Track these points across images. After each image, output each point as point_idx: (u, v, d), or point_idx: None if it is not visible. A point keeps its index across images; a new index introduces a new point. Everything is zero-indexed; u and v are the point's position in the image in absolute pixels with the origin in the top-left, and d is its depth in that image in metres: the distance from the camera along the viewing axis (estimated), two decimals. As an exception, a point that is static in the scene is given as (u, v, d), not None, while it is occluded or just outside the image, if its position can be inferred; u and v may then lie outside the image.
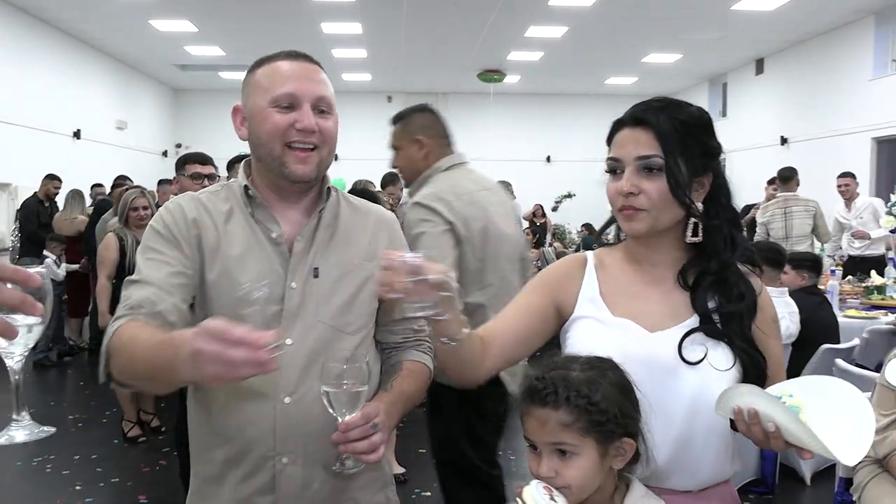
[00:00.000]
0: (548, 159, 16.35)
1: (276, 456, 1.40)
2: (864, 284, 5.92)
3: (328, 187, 1.52)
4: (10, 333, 0.88)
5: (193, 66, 13.67)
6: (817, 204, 6.99)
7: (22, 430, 0.99)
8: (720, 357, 1.31)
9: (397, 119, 2.66)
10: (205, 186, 3.74)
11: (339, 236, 1.51)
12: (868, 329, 4.61)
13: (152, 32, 11.14)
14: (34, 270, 0.90)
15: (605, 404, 1.21)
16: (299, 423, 1.40)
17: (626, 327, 1.36)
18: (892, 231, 6.63)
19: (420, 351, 1.57)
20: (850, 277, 6.27)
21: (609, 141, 1.40)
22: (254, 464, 1.41)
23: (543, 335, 1.45)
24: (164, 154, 15.60)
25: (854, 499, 2.64)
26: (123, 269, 4.59)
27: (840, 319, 4.95)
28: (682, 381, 1.31)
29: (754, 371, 1.32)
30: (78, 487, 4.11)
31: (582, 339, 1.39)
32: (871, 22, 10.18)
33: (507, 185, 6.84)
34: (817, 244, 7.09)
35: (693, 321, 1.35)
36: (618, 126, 1.38)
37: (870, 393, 2.65)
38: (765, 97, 12.71)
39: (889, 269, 6.21)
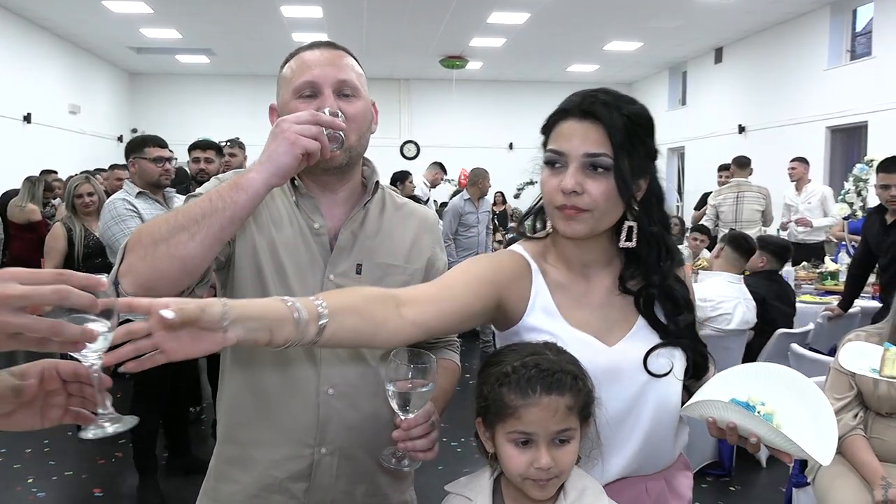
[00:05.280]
0: (510, 146, 16.37)
1: (316, 445, 1.40)
2: (818, 270, 6.06)
3: (376, 181, 1.50)
4: (90, 337, 0.91)
5: (149, 49, 13.32)
6: (768, 191, 7.15)
7: (111, 423, 1.01)
8: (681, 366, 1.34)
9: None
10: (167, 170, 3.76)
11: (383, 234, 1.48)
12: (821, 314, 4.72)
13: (106, 14, 10.83)
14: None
15: (589, 383, 1.23)
16: (342, 416, 1.40)
17: (586, 343, 1.30)
18: (845, 218, 6.78)
19: (450, 350, 1.60)
20: (804, 263, 6.42)
21: (547, 129, 1.30)
22: (292, 449, 1.40)
23: (472, 321, 1.31)
24: (120, 139, 15.19)
25: (808, 480, 2.70)
26: (72, 259, 4.47)
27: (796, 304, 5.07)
28: (648, 391, 1.31)
29: (703, 363, 1.38)
30: (30, 481, 4.01)
31: None
32: (826, 12, 10.37)
33: (440, 166, 7.07)
34: (765, 230, 7.24)
35: (640, 324, 1.35)
36: (561, 115, 1.28)
37: (824, 377, 2.71)
38: (723, 86, 12.88)
39: (842, 256, 6.36)
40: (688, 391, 1.36)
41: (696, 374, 1.37)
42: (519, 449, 1.20)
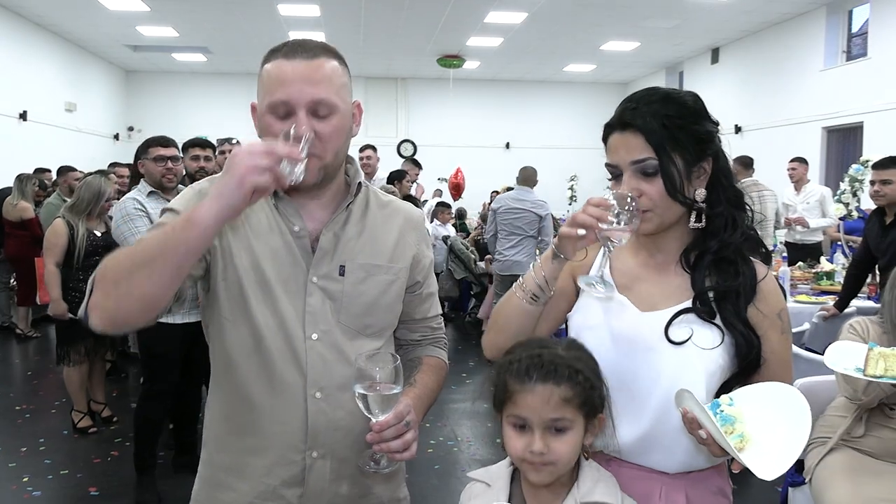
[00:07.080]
0: (507, 146, 16.37)
1: (307, 450, 1.40)
2: (813, 270, 6.06)
3: (359, 182, 1.48)
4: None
5: (146, 46, 13.29)
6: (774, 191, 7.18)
7: None
8: (706, 337, 1.33)
9: None
10: (169, 169, 3.75)
11: (366, 234, 1.47)
12: (817, 314, 4.73)
13: (102, 11, 10.80)
14: None
15: (595, 381, 1.28)
16: (330, 418, 1.40)
17: (621, 304, 1.40)
18: (841, 219, 6.78)
19: (437, 347, 1.60)
20: (800, 263, 6.43)
21: (605, 144, 1.41)
22: (282, 455, 1.40)
23: (566, 310, 1.50)
24: (116, 137, 15.20)
25: (805, 480, 2.70)
26: (72, 256, 4.45)
27: (790, 304, 5.08)
28: (662, 360, 1.33)
29: (747, 349, 1.34)
30: (25, 480, 4.00)
31: (581, 309, 1.45)
32: (822, 13, 10.39)
33: (415, 162, 7.26)
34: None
35: (687, 304, 1.37)
36: (609, 130, 1.38)
37: (819, 377, 2.71)
38: (720, 86, 12.89)
39: (838, 256, 6.37)
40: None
41: (745, 360, 1.33)
42: (517, 432, 1.27)
